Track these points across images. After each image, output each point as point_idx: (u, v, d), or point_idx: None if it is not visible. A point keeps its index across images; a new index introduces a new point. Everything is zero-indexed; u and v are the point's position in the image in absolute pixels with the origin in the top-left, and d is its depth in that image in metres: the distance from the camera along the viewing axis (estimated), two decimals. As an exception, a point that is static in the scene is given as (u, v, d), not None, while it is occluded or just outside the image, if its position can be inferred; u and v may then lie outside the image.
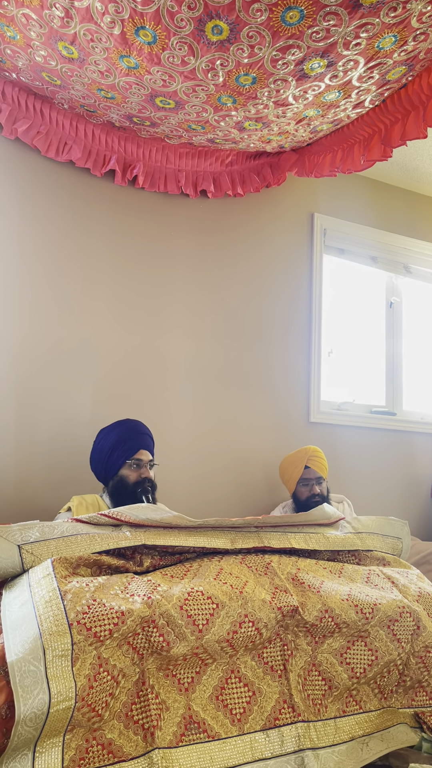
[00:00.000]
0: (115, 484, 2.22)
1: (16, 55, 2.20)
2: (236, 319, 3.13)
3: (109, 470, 2.24)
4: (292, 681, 1.44)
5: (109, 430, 2.30)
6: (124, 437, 2.25)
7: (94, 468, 2.30)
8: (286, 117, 2.47)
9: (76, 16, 1.90)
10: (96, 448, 2.29)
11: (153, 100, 2.35)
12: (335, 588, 1.61)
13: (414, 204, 3.85)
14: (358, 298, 3.72)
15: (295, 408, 3.23)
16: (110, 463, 2.23)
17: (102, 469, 2.26)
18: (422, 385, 3.84)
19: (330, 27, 1.88)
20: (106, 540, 1.53)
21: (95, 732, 1.21)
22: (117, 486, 2.21)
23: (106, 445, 2.25)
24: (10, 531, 1.46)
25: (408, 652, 1.59)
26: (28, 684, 1.13)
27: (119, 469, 2.22)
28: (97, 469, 2.29)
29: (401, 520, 2.01)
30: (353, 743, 1.42)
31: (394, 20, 1.88)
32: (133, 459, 2.23)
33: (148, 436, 2.34)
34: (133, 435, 2.28)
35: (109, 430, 2.30)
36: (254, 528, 1.76)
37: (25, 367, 2.59)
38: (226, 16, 1.83)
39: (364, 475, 3.38)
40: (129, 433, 2.27)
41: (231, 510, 2.94)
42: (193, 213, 3.08)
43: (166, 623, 1.33)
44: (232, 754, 1.30)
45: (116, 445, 2.23)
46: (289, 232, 3.37)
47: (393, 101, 2.36)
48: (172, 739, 1.27)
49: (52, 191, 2.75)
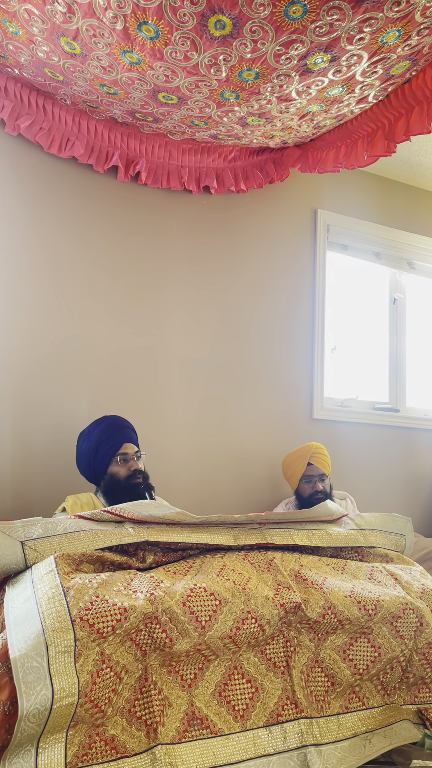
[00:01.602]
0: (107, 482, 2.21)
1: (19, 50, 2.20)
2: (239, 316, 3.13)
3: (98, 470, 2.22)
4: (294, 677, 1.44)
5: (88, 431, 2.27)
6: (105, 435, 2.23)
7: (83, 470, 2.27)
8: (290, 112, 2.46)
9: (78, 11, 1.90)
10: (80, 451, 2.26)
11: (156, 95, 2.34)
12: (338, 585, 1.60)
13: (418, 200, 3.84)
14: (362, 295, 3.71)
15: (298, 404, 3.23)
16: (97, 462, 2.21)
17: (90, 470, 2.24)
18: (426, 381, 3.83)
19: (333, 21, 1.87)
20: (108, 536, 1.53)
21: (98, 728, 1.21)
22: (109, 484, 2.20)
23: (89, 446, 2.22)
24: (12, 527, 1.46)
25: (411, 649, 1.59)
26: (31, 680, 1.13)
27: (108, 467, 2.20)
28: (85, 471, 2.27)
29: (404, 517, 2.01)
30: (356, 740, 1.43)
31: (397, 15, 1.87)
32: (119, 454, 2.20)
33: (129, 428, 2.31)
34: (115, 430, 2.25)
35: (88, 430, 2.27)
36: (257, 525, 1.76)
37: (24, 362, 2.59)
38: (229, 10, 1.82)
39: (367, 472, 3.38)
40: (110, 430, 2.24)
41: (234, 507, 2.94)
42: (196, 209, 3.07)
43: (169, 620, 1.33)
44: (234, 750, 1.30)
45: (99, 445, 2.21)
46: (292, 228, 3.36)
47: (397, 96, 2.34)
48: (174, 735, 1.27)
49: (54, 188, 2.74)
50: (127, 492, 2.15)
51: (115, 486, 2.18)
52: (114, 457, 2.20)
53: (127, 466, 2.21)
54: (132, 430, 2.32)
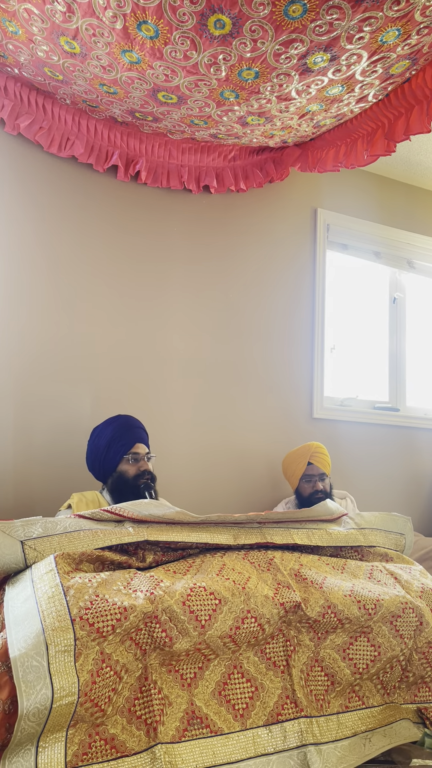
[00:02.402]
0: (115, 480, 2.22)
1: (18, 50, 2.20)
2: (239, 315, 3.13)
3: (107, 467, 2.24)
4: (294, 676, 1.44)
5: (102, 428, 2.29)
6: (118, 433, 2.25)
7: (92, 467, 2.29)
8: (289, 112, 2.46)
9: (78, 10, 1.90)
10: (92, 447, 2.28)
11: (155, 95, 2.34)
12: (338, 584, 1.61)
13: (418, 199, 3.84)
14: (362, 294, 3.71)
15: (298, 404, 3.23)
16: (107, 459, 2.23)
17: (100, 467, 2.26)
18: (426, 380, 3.83)
19: (333, 21, 1.87)
20: (108, 536, 1.53)
21: (98, 727, 1.21)
22: (117, 482, 2.21)
23: (102, 443, 2.24)
24: (12, 527, 1.46)
25: (411, 648, 1.59)
26: (31, 679, 1.13)
27: (117, 465, 2.22)
28: (94, 467, 2.28)
29: (404, 516, 2.01)
30: (356, 739, 1.43)
31: (397, 14, 1.86)
32: (131, 453, 2.23)
33: (142, 429, 2.34)
34: (128, 430, 2.28)
35: (102, 427, 2.30)
36: (257, 524, 1.77)
37: (25, 360, 2.59)
38: (229, 10, 1.82)
39: (367, 471, 3.38)
40: (123, 429, 2.27)
41: (234, 506, 2.95)
42: (196, 208, 3.07)
43: (169, 619, 1.33)
44: (234, 749, 1.30)
45: (112, 442, 2.23)
46: (292, 228, 3.36)
47: (396, 95, 2.34)
48: (174, 734, 1.27)
49: (54, 187, 2.74)
50: (133, 491, 2.17)
51: (123, 485, 2.20)
52: (125, 456, 2.22)
53: (137, 465, 2.23)
54: (145, 431, 2.35)
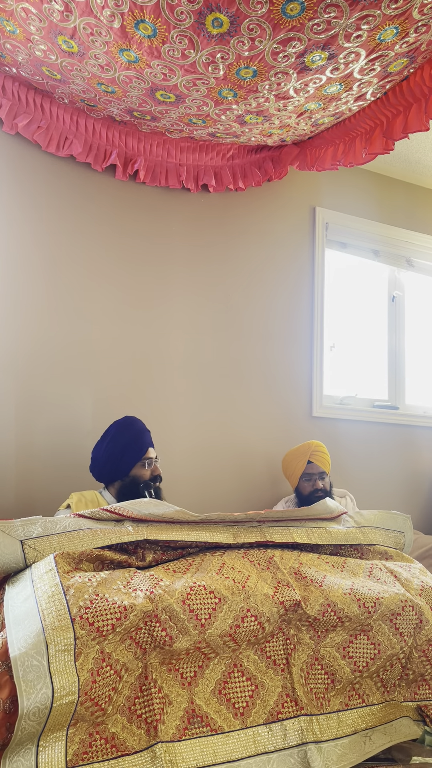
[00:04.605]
0: (127, 483, 2.24)
1: (16, 49, 2.19)
2: (238, 314, 3.13)
3: (120, 471, 2.25)
4: (294, 675, 1.44)
5: (116, 432, 2.29)
6: (133, 438, 2.28)
7: (101, 470, 2.27)
8: (287, 110, 2.46)
9: (75, 9, 1.89)
10: (104, 451, 2.27)
11: (153, 94, 2.34)
12: (338, 582, 1.61)
13: (416, 197, 3.84)
14: (361, 292, 3.71)
15: (297, 402, 3.23)
16: (122, 464, 2.25)
17: (111, 471, 2.26)
18: (425, 379, 3.83)
19: (331, 19, 1.87)
20: (108, 535, 1.53)
21: (98, 726, 1.21)
22: (129, 485, 2.24)
23: (117, 448, 2.25)
24: (12, 526, 1.46)
25: (411, 646, 1.60)
26: (31, 679, 1.13)
27: (131, 470, 2.25)
28: (104, 471, 2.27)
29: (404, 514, 2.01)
30: (356, 737, 1.43)
31: (395, 12, 1.86)
32: (144, 458, 2.26)
33: (149, 432, 2.36)
34: (140, 435, 2.31)
35: (116, 432, 2.30)
36: (256, 522, 1.77)
37: (26, 361, 2.59)
38: (227, 8, 1.82)
39: (367, 470, 3.38)
40: (137, 434, 2.30)
41: (233, 504, 2.95)
42: (195, 207, 3.07)
43: (169, 618, 1.33)
44: (235, 747, 1.30)
45: (127, 448, 2.25)
46: (291, 226, 3.36)
47: (395, 93, 2.34)
48: (175, 732, 1.28)
49: (52, 186, 2.74)
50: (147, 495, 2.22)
51: (136, 488, 2.24)
52: (140, 461, 2.26)
53: (151, 469, 2.29)
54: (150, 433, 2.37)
